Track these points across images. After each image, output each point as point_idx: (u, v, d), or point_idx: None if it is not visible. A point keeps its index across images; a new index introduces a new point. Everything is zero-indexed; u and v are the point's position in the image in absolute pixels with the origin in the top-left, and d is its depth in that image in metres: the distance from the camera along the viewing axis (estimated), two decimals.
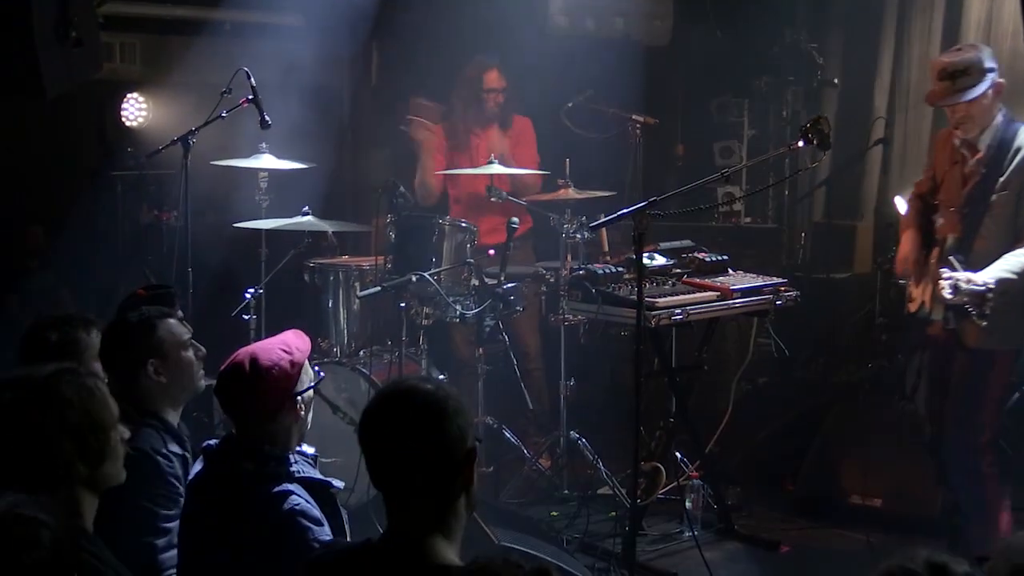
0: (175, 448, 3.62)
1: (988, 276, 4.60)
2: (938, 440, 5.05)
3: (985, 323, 4.62)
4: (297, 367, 3.28)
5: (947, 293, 4.61)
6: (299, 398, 3.28)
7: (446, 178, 6.71)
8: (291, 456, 3.24)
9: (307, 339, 3.44)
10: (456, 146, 6.76)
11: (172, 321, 3.79)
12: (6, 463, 2.57)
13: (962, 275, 4.62)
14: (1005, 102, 4.85)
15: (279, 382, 3.22)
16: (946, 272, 4.68)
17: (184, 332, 3.80)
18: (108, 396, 2.73)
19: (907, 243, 5.09)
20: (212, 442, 3.36)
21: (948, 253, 4.81)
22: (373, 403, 2.54)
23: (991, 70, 4.74)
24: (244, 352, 3.30)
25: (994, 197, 4.74)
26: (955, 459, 4.97)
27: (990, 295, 4.57)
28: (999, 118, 4.78)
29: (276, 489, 3.09)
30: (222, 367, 3.30)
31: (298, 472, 3.19)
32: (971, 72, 4.71)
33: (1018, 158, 4.70)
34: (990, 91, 4.72)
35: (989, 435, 4.86)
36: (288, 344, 3.33)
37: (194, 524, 3.24)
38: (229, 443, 3.29)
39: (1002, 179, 4.72)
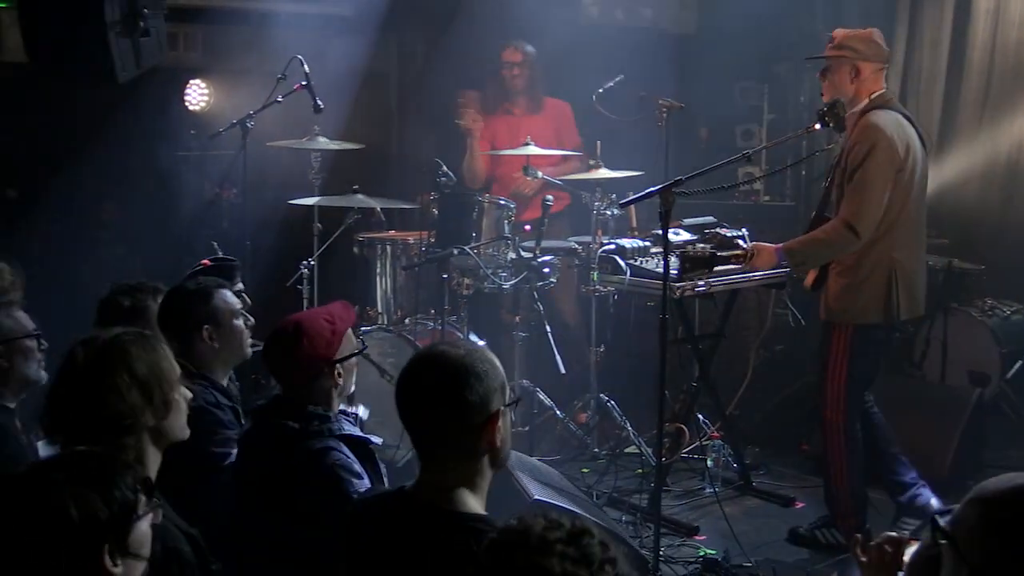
0: (224, 400, 3.69)
1: (780, 248, 4.72)
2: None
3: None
4: (337, 336, 3.29)
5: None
6: (338, 365, 3.28)
7: (491, 160, 6.70)
8: (332, 415, 3.26)
9: (352, 311, 3.44)
10: (495, 129, 6.75)
11: (226, 291, 3.83)
12: (80, 414, 2.59)
13: (754, 246, 4.83)
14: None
15: (318, 349, 3.24)
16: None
17: (236, 302, 3.85)
18: (171, 355, 2.77)
19: None
20: (261, 402, 3.38)
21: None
22: (405, 368, 2.55)
23: (853, 51, 4.67)
24: (291, 319, 3.33)
25: (836, 171, 4.74)
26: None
27: (783, 263, 4.77)
28: (864, 103, 4.68)
29: (319, 445, 3.12)
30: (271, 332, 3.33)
31: (339, 429, 3.21)
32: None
33: (849, 140, 4.66)
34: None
35: (832, 411, 4.76)
36: (332, 314, 3.34)
37: (243, 478, 3.27)
38: (276, 403, 3.32)
39: (842, 156, 4.69)
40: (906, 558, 2.34)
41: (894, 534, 2.43)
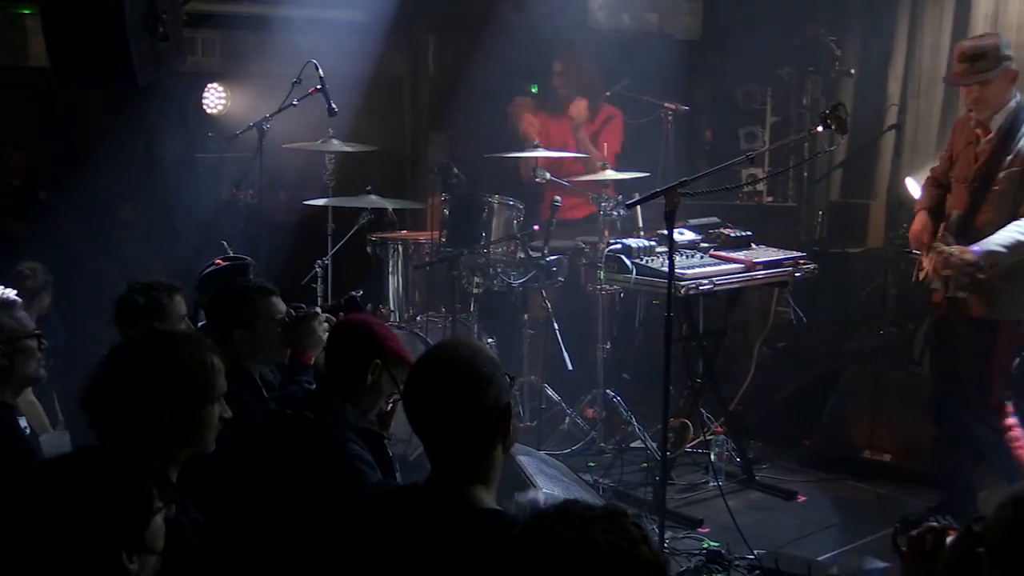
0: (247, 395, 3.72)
1: (978, 248, 4.55)
2: (938, 403, 4.97)
3: (963, 293, 4.61)
4: (395, 346, 3.34)
5: (940, 265, 4.63)
6: (376, 362, 3.28)
7: (551, 162, 6.63)
8: (348, 408, 3.27)
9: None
10: (551, 131, 6.77)
11: (275, 299, 3.88)
12: (111, 397, 2.60)
13: (955, 248, 4.60)
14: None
15: (370, 336, 3.32)
16: (941, 246, 4.65)
17: (280, 309, 3.88)
18: (220, 372, 2.73)
19: (919, 222, 4.97)
20: (279, 395, 3.40)
21: (949, 228, 4.76)
22: (413, 379, 2.50)
23: (1007, 58, 4.65)
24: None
25: (1001, 174, 4.64)
26: (971, 421, 4.83)
27: (981, 265, 4.53)
28: (1012, 103, 4.68)
29: (335, 435, 3.14)
30: None
31: (355, 422, 3.23)
32: (988, 57, 4.63)
33: (1018, 138, 4.62)
34: (1003, 77, 4.63)
35: (997, 397, 4.77)
36: (404, 343, 3.46)
37: (260, 467, 3.28)
38: (293, 395, 3.38)
39: (1009, 157, 4.63)
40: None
41: (935, 523, 2.43)
